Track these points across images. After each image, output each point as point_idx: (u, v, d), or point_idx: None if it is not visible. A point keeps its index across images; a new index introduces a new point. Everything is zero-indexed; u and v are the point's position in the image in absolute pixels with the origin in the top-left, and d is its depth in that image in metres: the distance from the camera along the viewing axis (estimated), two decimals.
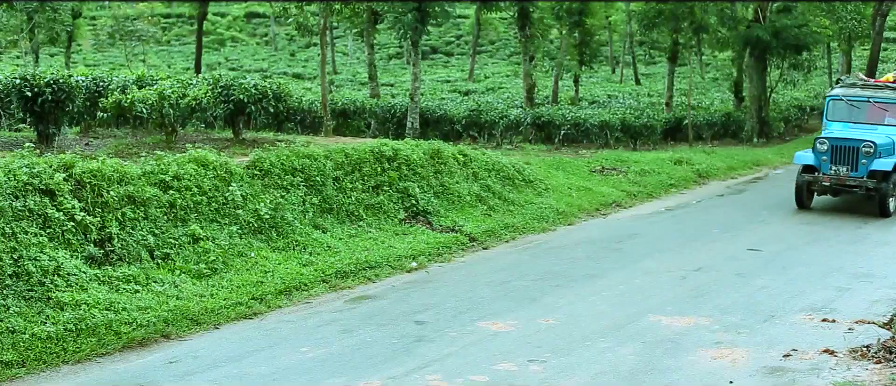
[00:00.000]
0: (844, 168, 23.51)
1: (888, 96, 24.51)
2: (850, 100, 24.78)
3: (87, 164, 15.48)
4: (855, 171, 23.43)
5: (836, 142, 23.72)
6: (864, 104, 24.65)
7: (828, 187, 24.05)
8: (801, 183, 24.36)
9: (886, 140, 23.81)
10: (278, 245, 17.18)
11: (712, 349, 12.69)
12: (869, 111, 24.58)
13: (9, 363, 11.42)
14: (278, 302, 14.78)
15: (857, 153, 23.35)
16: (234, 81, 25.21)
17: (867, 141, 23.29)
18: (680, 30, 42.69)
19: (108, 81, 27.68)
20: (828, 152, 23.74)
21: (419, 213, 20.57)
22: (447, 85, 63.79)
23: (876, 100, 24.55)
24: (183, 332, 13.18)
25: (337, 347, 12.68)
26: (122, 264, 14.49)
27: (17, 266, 13.03)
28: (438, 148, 22.92)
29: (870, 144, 23.21)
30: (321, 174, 19.34)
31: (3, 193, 13.63)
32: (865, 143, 23.25)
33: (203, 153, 17.75)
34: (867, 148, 23.19)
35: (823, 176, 23.80)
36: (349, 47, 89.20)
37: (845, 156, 23.53)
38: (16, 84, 22.88)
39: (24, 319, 12.32)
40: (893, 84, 25.00)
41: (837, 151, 23.65)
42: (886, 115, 24.41)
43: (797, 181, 24.52)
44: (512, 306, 14.76)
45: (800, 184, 24.42)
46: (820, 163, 23.93)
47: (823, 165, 23.85)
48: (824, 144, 23.80)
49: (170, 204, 16.10)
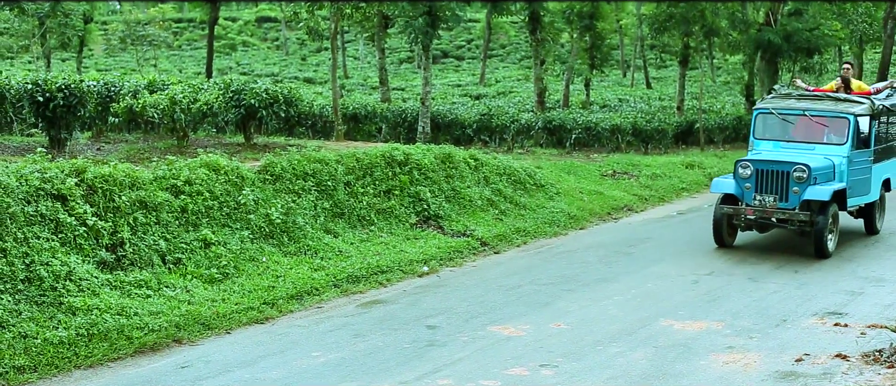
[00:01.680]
0: (771, 198, 19.02)
1: (828, 109, 19.98)
2: (783, 113, 20.25)
3: (99, 169, 15.49)
4: (784, 202, 18.96)
5: (762, 166, 19.20)
6: (799, 119, 20.15)
7: (752, 221, 19.52)
8: (720, 217, 19.70)
9: (824, 163, 19.30)
10: (290, 250, 17.18)
11: (724, 354, 12.65)
12: (805, 127, 20.10)
13: (21, 368, 11.42)
14: (290, 307, 14.78)
15: (787, 179, 18.86)
16: (245, 86, 25.25)
17: (799, 164, 18.76)
18: (691, 33, 42.65)
19: (119, 86, 27.73)
20: (752, 178, 19.22)
21: (430, 217, 20.56)
22: (458, 89, 63.85)
23: (813, 113, 19.97)
24: (194, 337, 13.18)
25: (349, 351, 12.67)
26: (134, 269, 14.50)
27: (29, 271, 13.04)
28: (450, 152, 22.92)
29: (802, 168, 18.70)
30: (332, 179, 19.34)
31: (16, 197, 13.64)
32: (797, 167, 18.75)
33: (214, 158, 17.76)
34: (799, 173, 18.70)
35: (746, 208, 19.28)
36: (360, 51, 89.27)
37: (773, 183, 19.05)
38: (28, 89, 22.97)
39: (37, 324, 12.33)
40: (836, 93, 20.74)
41: (763, 177, 19.15)
42: (826, 131, 19.88)
43: (715, 214, 19.86)
44: (523, 311, 14.74)
45: (718, 218, 19.74)
46: (742, 191, 19.40)
47: (746, 194, 19.35)
48: (747, 169, 19.25)
49: (181, 209, 16.11)
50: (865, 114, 19.88)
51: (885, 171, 21.54)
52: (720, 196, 19.87)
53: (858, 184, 20.09)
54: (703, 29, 42.25)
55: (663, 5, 43.77)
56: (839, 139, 19.66)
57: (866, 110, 19.95)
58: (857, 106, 19.95)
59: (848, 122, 19.59)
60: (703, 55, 49.76)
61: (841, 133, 19.68)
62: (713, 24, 42.16)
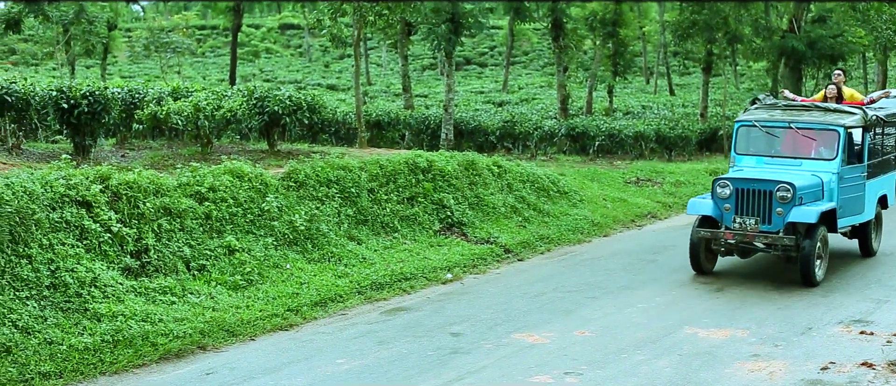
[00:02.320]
0: (752, 220, 17.10)
1: (816, 121, 18.11)
2: (766, 126, 18.39)
3: (124, 175, 15.55)
4: (767, 224, 17.05)
5: (742, 184, 17.26)
6: (785, 132, 18.31)
7: (732, 246, 17.60)
8: (697, 241, 17.74)
9: (811, 181, 17.44)
10: (313, 257, 17.20)
11: (749, 362, 12.60)
12: (791, 141, 18.32)
13: (46, 374, 11.46)
14: (314, 314, 14.79)
15: (770, 199, 16.97)
16: (268, 93, 25.31)
17: (783, 183, 16.83)
18: (714, 40, 42.52)
19: (143, 93, 27.83)
20: (731, 199, 17.29)
21: (454, 224, 20.55)
22: (481, 96, 63.82)
23: (799, 126, 18.12)
24: (219, 343, 13.20)
25: (373, 358, 12.66)
26: (159, 276, 14.54)
27: (54, 277, 13.08)
28: (473, 159, 22.90)
29: (786, 187, 16.78)
30: (356, 186, 19.35)
31: (41, 204, 13.69)
32: (780, 186, 16.81)
33: (238, 165, 17.80)
34: (783, 192, 16.78)
35: (725, 231, 17.35)
36: (383, 58, 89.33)
37: (754, 203, 17.13)
38: (53, 96, 23.05)
39: (62, 330, 12.37)
40: (826, 104, 18.92)
41: (743, 197, 17.22)
42: (815, 145, 18.11)
43: (691, 238, 17.88)
44: (547, 318, 14.72)
45: (694, 242, 17.78)
46: (721, 213, 17.48)
47: (726, 216, 17.41)
48: (726, 188, 17.32)
49: (205, 215, 16.15)
50: (857, 125, 18.17)
51: (880, 188, 19.63)
52: (697, 218, 17.87)
53: (850, 202, 18.20)
54: (727, 36, 42.12)
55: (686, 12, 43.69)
56: (828, 154, 17.83)
57: (858, 121, 18.16)
58: (847, 117, 18.08)
59: (837, 134, 17.73)
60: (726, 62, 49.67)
61: (830, 147, 17.83)
62: (737, 31, 42.05)
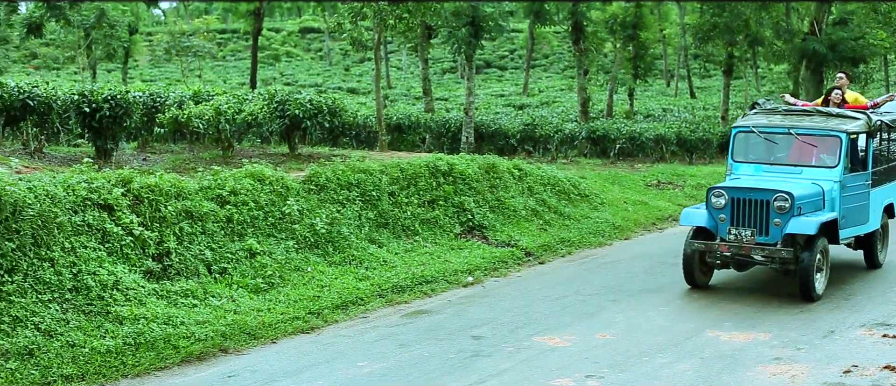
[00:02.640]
0: (748, 231, 16.16)
1: (817, 126, 17.14)
2: (764, 132, 17.49)
3: (145, 179, 15.58)
4: (764, 236, 16.12)
5: (738, 194, 16.31)
6: (785, 138, 17.40)
7: (728, 258, 16.65)
8: (691, 253, 16.86)
9: (812, 189, 16.48)
10: (334, 260, 17.21)
11: (771, 365, 12.54)
12: (792, 148, 17.43)
13: (69, 377, 11.48)
14: (335, 316, 14.79)
15: (767, 210, 16.04)
16: (289, 97, 25.34)
17: (781, 192, 15.89)
18: (735, 43, 42.50)
19: (164, 97, 27.88)
20: (726, 209, 16.37)
21: (475, 227, 20.54)
22: (501, 99, 63.93)
23: (799, 132, 17.17)
24: (240, 346, 13.22)
25: (394, 361, 12.66)
26: (180, 279, 14.56)
27: (76, 280, 13.12)
28: (493, 162, 22.90)
29: (784, 197, 15.83)
30: (377, 189, 19.36)
31: (63, 207, 13.73)
32: (778, 196, 15.89)
33: (259, 168, 17.82)
34: (781, 202, 15.86)
35: (720, 243, 16.43)
36: (403, 62, 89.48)
37: (751, 214, 16.21)
38: (74, 100, 23.11)
39: (84, 333, 12.40)
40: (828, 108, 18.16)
41: (739, 208, 16.29)
42: (816, 152, 17.20)
43: (685, 251, 16.97)
44: (569, 321, 14.69)
45: (688, 254, 16.90)
46: (716, 224, 16.56)
47: (721, 227, 16.49)
48: (721, 197, 16.41)
49: (227, 219, 16.17)
50: (860, 131, 17.15)
51: (886, 196, 18.74)
52: (691, 229, 17.00)
53: (853, 212, 17.22)
54: (748, 38, 42.12)
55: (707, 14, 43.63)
56: (830, 161, 16.87)
57: (861, 127, 17.14)
58: (850, 122, 17.06)
59: (839, 141, 16.77)
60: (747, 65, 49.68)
61: (832, 154, 16.87)
62: (757, 34, 42.05)
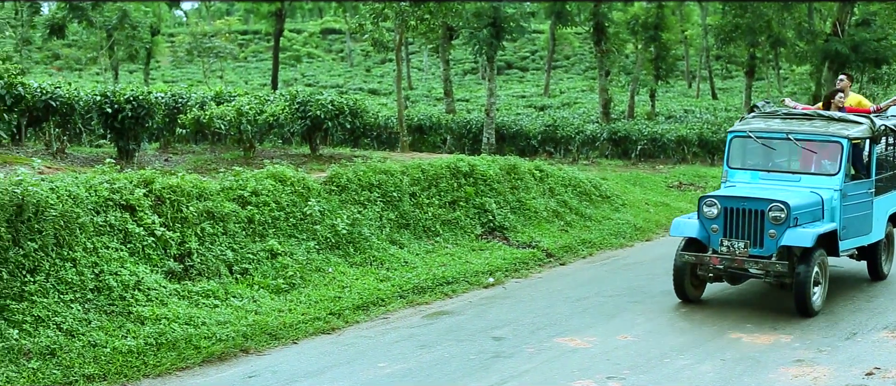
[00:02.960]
0: (741, 243, 15.19)
1: (817, 131, 16.11)
2: (762, 137, 16.42)
3: (167, 179, 15.62)
4: (758, 248, 15.14)
5: (731, 203, 15.34)
6: (784, 144, 16.37)
7: (721, 271, 15.75)
8: (682, 266, 15.88)
9: (810, 199, 15.51)
10: (355, 260, 17.21)
11: (793, 367, 12.50)
12: (791, 154, 16.45)
13: (90, 377, 11.52)
14: (356, 317, 14.79)
15: (762, 220, 15.07)
16: (310, 98, 25.37)
17: (776, 202, 14.92)
18: (757, 44, 42.39)
19: (186, 98, 27.96)
20: (719, 219, 15.38)
21: (496, 228, 20.53)
22: (522, 100, 63.91)
23: (798, 137, 16.13)
24: (261, 346, 13.23)
25: (415, 362, 12.65)
26: (202, 279, 14.59)
27: (98, 281, 13.16)
28: (515, 163, 22.88)
29: (780, 207, 14.86)
30: (398, 190, 19.36)
31: (85, 208, 13.77)
32: (773, 206, 14.90)
33: (281, 169, 17.84)
34: (776, 212, 14.87)
35: (712, 256, 15.45)
36: (424, 63, 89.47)
37: (744, 224, 15.24)
38: (97, 101, 23.21)
39: (106, 333, 12.43)
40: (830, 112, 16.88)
41: (732, 218, 15.32)
42: (815, 158, 16.17)
43: (675, 263, 15.97)
44: (590, 322, 14.66)
45: (679, 267, 15.91)
46: (709, 235, 15.56)
47: (713, 238, 15.50)
48: (713, 207, 15.43)
49: (248, 219, 16.20)
50: (863, 136, 16.19)
51: (891, 204, 17.68)
52: (682, 241, 16.00)
53: (855, 222, 16.25)
54: (770, 39, 42.02)
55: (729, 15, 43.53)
56: (831, 168, 15.88)
57: (865, 132, 16.17)
58: (853, 127, 16.09)
59: (840, 147, 15.74)
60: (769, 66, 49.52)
61: (833, 160, 15.89)
62: (780, 35, 41.92)
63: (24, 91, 21.90)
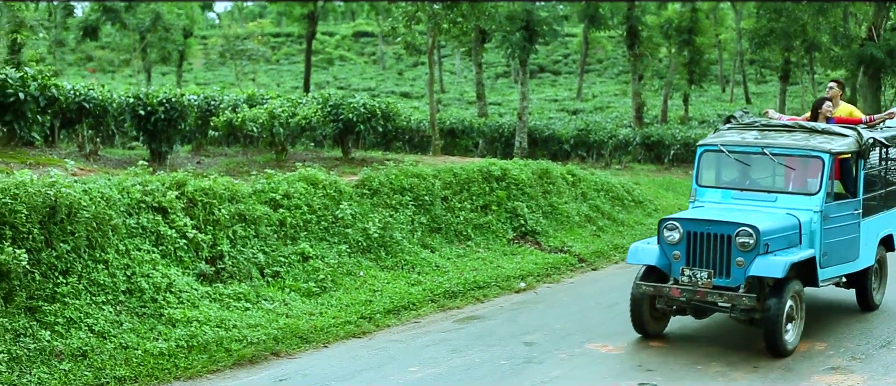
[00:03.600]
0: (705, 273, 13.21)
1: (796, 145, 14.17)
2: (734, 151, 14.49)
3: (199, 182, 15.64)
4: (724, 278, 13.19)
5: (694, 227, 13.38)
6: (760, 159, 14.49)
7: (684, 303, 13.80)
8: (639, 297, 13.96)
9: (784, 222, 13.60)
10: (387, 264, 17.20)
11: (828, 375, 12.40)
12: (767, 171, 14.76)
13: (122, 379, 11.54)
14: (387, 321, 14.79)
15: (728, 247, 13.11)
16: (343, 101, 25.39)
17: (744, 226, 12.99)
18: (791, 48, 42.16)
19: (219, 100, 28.04)
20: (681, 245, 13.44)
21: (528, 233, 20.48)
22: (555, 104, 63.82)
23: (775, 151, 14.22)
24: (292, 349, 13.23)
25: (445, 367, 12.62)
26: (233, 282, 14.61)
27: (130, 282, 13.19)
28: (547, 168, 22.83)
29: (748, 231, 12.94)
30: (430, 193, 19.34)
31: (118, 210, 13.80)
32: (741, 230, 12.98)
33: (312, 172, 17.85)
34: (744, 238, 12.96)
35: (672, 286, 13.50)
36: (456, 66, 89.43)
37: (709, 251, 13.26)
38: (130, 103, 23.34)
39: (137, 335, 12.46)
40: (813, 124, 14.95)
41: (696, 244, 13.34)
42: (794, 175, 14.45)
43: (633, 293, 14.01)
44: (622, 328, 14.57)
45: (636, 298, 14.00)
46: (670, 262, 13.62)
47: (674, 266, 13.53)
48: (675, 231, 13.50)
49: (280, 222, 16.21)
50: (848, 151, 14.27)
51: (883, 226, 15.76)
52: (641, 269, 14.09)
53: (839, 247, 14.30)
54: (804, 44, 41.76)
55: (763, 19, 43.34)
56: (810, 186, 14.08)
57: (850, 145, 14.28)
58: (836, 140, 14.24)
59: (821, 162, 13.87)
60: (803, 70, 49.21)
61: (813, 177, 14.09)
62: (814, 39, 41.68)
63: (57, 93, 22.01)
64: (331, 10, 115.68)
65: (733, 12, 69.62)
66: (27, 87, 20.96)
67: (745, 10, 60.51)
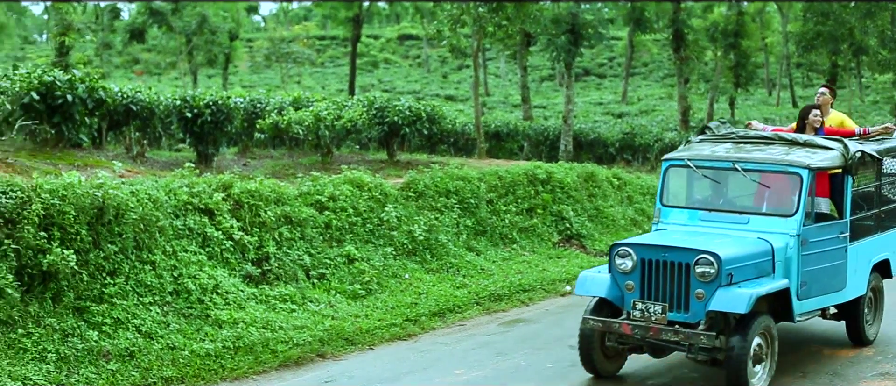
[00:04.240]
0: (659, 307, 11.36)
1: (771, 159, 12.43)
2: (703, 166, 12.76)
3: (245, 184, 15.70)
4: (682, 312, 11.32)
5: (649, 253, 11.55)
6: (732, 176, 12.81)
7: (638, 341, 11.78)
8: (588, 333, 11.94)
9: (754, 248, 11.76)
10: (432, 267, 17.21)
11: (877, 381, 12.26)
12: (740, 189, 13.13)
13: (169, 379, 11.59)
14: (432, 323, 14.79)
15: (687, 277, 11.26)
16: (388, 103, 25.40)
17: (704, 253, 11.15)
18: (839, 52, 41.86)
19: (264, 103, 28.11)
20: (635, 274, 11.61)
21: (573, 236, 20.43)
22: (600, 107, 63.64)
23: (747, 167, 12.46)
24: (338, 351, 13.25)
25: (491, 370, 12.59)
26: (279, 284, 14.65)
27: (177, 284, 13.25)
28: (592, 171, 22.78)
29: (708, 259, 11.10)
30: (475, 196, 19.32)
31: (165, 211, 13.87)
32: (701, 258, 11.14)
33: (358, 174, 17.88)
34: (704, 267, 11.11)
35: (622, 322, 11.53)
36: (501, 69, 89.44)
37: (665, 282, 11.42)
38: (177, 105, 23.44)
39: (184, 335, 12.52)
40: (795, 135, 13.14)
41: (651, 273, 11.51)
42: (769, 194, 12.64)
43: (581, 329, 12.01)
44: None
45: (585, 335, 11.99)
46: (623, 294, 11.74)
47: (627, 298, 11.66)
48: (627, 259, 11.67)
49: (325, 224, 16.24)
50: (832, 165, 12.57)
51: (877, 250, 13.85)
52: (592, 301, 12.16)
53: (820, 275, 12.42)
54: (852, 47, 41.45)
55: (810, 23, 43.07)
56: (787, 207, 12.23)
57: (834, 160, 12.53)
58: (819, 154, 12.52)
59: (799, 180, 12.07)
60: (851, 74, 48.87)
61: (790, 196, 12.21)
62: (862, 43, 41.34)
63: (104, 95, 22.12)
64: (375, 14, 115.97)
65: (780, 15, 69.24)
66: (75, 89, 21.08)
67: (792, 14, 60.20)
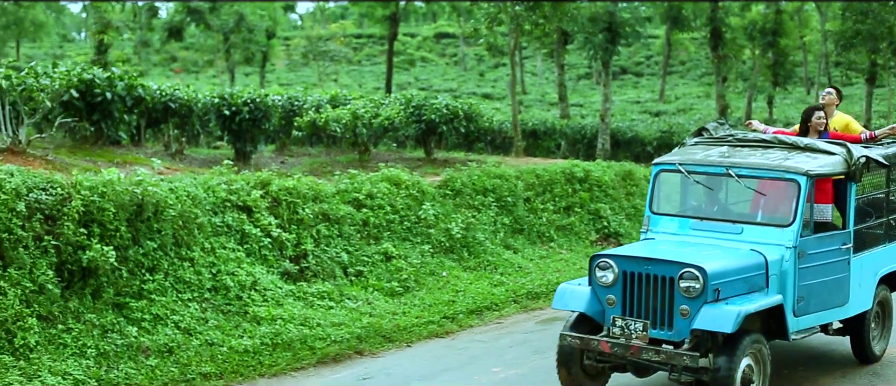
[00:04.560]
0: (640, 324, 10.42)
1: (767, 164, 11.41)
2: (695, 171, 11.85)
3: (283, 181, 15.74)
4: (665, 330, 10.42)
5: (632, 266, 10.63)
6: (726, 181, 11.97)
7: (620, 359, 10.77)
8: (568, 351, 10.91)
9: (745, 260, 10.83)
10: (469, 264, 17.19)
11: None
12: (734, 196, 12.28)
13: (207, 375, 11.63)
14: (469, 321, 14.77)
15: (671, 292, 10.34)
16: (425, 102, 25.42)
17: (689, 267, 10.22)
18: (878, 50, 41.54)
19: (302, 101, 28.19)
20: (616, 288, 10.68)
21: (611, 234, 20.37)
22: (637, 106, 63.38)
23: (741, 172, 11.48)
24: (375, 348, 13.25)
25: (529, 368, 12.56)
26: (317, 281, 14.68)
27: (215, 280, 13.31)
28: (630, 169, 22.71)
29: (693, 273, 10.16)
30: (512, 194, 19.29)
31: (203, 209, 13.92)
32: (686, 272, 10.21)
33: (395, 172, 17.88)
34: (689, 282, 10.18)
35: (601, 340, 10.58)
36: (538, 67, 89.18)
37: (648, 296, 10.51)
38: (215, 103, 23.55)
39: (222, 332, 12.57)
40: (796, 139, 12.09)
41: (633, 287, 10.59)
42: (765, 202, 11.59)
43: (560, 346, 10.98)
44: None
45: (564, 352, 10.95)
46: (604, 308, 10.79)
47: (608, 314, 10.72)
48: (608, 271, 10.71)
49: (363, 222, 16.26)
50: (834, 172, 11.61)
51: (883, 261, 12.76)
52: (571, 316, 11.18)
53: (820, 289, 11.44)
54: (891, 46, 41.11)
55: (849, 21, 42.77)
56: (782, 215, 11.25)
57: (835, 166, 11.51)
58: (820, 159, 11.50)
59: (797, 187, 11.08)
60: (890, 73, 48.47)
61: (786, 205, 11.24)
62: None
63: (143, 93, 22.28)
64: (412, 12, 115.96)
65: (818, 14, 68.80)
66: (114, 87, 21.23)
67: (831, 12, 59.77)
